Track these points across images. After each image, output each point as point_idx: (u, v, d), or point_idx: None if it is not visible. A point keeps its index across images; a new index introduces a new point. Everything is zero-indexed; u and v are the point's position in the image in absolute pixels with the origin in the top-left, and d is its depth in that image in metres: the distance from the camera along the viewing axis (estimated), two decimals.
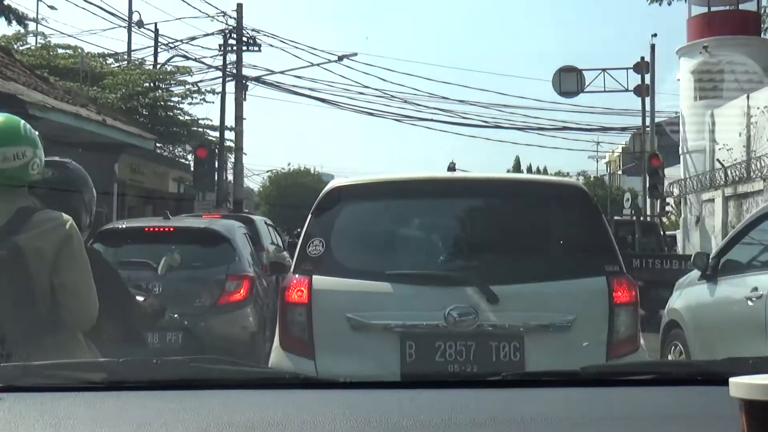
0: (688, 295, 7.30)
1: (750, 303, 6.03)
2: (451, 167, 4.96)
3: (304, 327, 4.13)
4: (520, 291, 4.11)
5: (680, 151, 23.87)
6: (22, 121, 3.14)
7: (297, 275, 4.23)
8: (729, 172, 19.26)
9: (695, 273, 7.31)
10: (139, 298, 3.48)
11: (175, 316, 4.47)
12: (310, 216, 4.42)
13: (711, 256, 7.00)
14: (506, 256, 4.35)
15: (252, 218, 14.73)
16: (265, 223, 14.92)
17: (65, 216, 3.00)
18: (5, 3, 25.88)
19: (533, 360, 3.91)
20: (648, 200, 23.63)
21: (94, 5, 25.29)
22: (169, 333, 7.42)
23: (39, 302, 2.88)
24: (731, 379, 1.10)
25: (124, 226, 9.26)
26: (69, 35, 28.54)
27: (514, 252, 4.37)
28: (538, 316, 4.08)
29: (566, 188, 4.66)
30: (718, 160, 20.15)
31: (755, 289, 6.00)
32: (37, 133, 3.17)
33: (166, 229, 8.63)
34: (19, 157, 2.97)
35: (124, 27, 25.43)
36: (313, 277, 4.15)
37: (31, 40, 25.23)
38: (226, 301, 7.91)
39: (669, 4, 27.20)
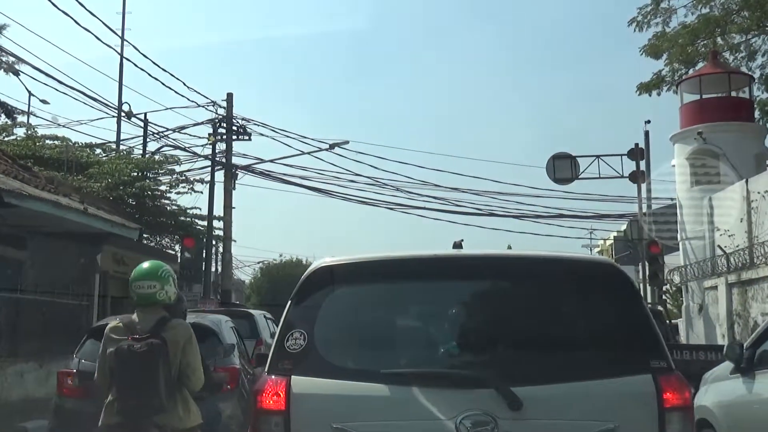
0: (719, 391, 6.57)
1: None
2: (457, 245, 4.15)
3: None
4: (549, 393, 3.33)
5: (679, 238, 23.50)
6: (163, 267, 5.25)
7: (273, 376, 3.46)
8: (731, 259, 18.90)
9: (726, 365, 6.60)
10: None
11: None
12: (289, 303, 3.65)
13: (745, 347, 6.26)
14: (530, 350, 3.56)
15: (251, 313, 16.14)
16: (264, 317, 15.95)
17: (186, 323, 5.28)
18: None
19: None
20: (648, 288, 23.13)
21: (86, 95, 25.15)
22: None
23: (174, 377, 4.90)
24: None
25: (116, 324, 8.65)
26: (58, 125, 28.42)
27: (539, 345, 3.58)
28: (571, 424, 3.31)
29: (599, 267, 3.88)
30: (719, 246, 19.81)
31: None
32: (173, 276, 5.29)
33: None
34: (151, 288, 5.08)
35: (114, 117, 25.21)
36: (292, 377, 3.40)
37: (20, 130, 25.18)
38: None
39: (658, 95, 27.40)
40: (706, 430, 6.59)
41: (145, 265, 5.21)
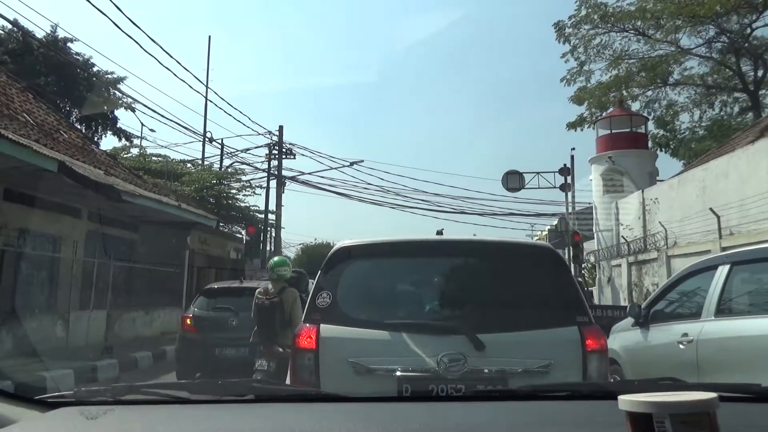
0: (623, 338, 6.41)
1: (681, 346, 5.13)
2: (440, 232, 4.05)
3: (312, 370, 3.23)
4: (504, 339, 3.21)
5: (594, 230, 23.33)
6: (286, 259, 6.96)
7: (307, 324, 3.35)
8: (631, 246, 18.76)
9: (628, 320, 6.45)
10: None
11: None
12: (320, 272, 3.55)
13: (642, 307, 6.12)
14: (490, 308, 3.44)
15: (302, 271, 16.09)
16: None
17: (295, 290, 6.45)
18: (118, 126, 25.88)
19: None
20: (572, 266, 22.97)
21: (181, 125, 25.10)
22: (240, 347, 8.29)
23: (287, 319, 6.14)
24: (620, 397, 1.11)
25: (216, 287, 10.29)
26: (161, 146, 28.34)
27: (497, 305, 3.45)
28: (520, 361, 3.19)
29: (540, 249, 3.78)
30: (622, 236, 19.60)
31: (685, 334, 5.10)
32: (291, 264, 6.79)
33: (243, 287, 9.38)
34: (284, 271, 6.50)
35: (200, 141, 25.13)
36: (321, 325, 3.28)
37: (134, 150, 25.16)
38: None
39: (581, 130, 27.23)
40: (614, 366, 6.46)
41: (278, 258, 6.99)
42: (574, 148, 25.30)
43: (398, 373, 3.12)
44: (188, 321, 9.36)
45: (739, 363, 4.43)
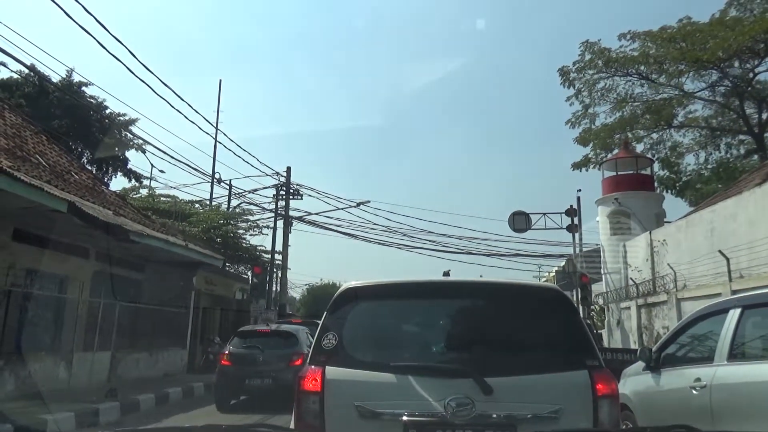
0: (634, 383, 6.27)
1: (694, 392, 5.00)
2: (446, 273, 4.02)
3: (317, 414, 3.16)
4: (512, 383, 3.14)
5: (602, 272, 23.12)
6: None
7: (312, 366, 3.29)
8: (639, 288, 18.57)
9: (638, 364, 6.31)
10: None
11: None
12: (326, 313, 3.52)
13: (653, 350, 6.01)
14: (498, 350, 3.37)
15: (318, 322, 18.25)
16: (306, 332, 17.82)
17: None
18: (128, 167, 26.21)
19: None
20: (580, 308, 22.72)
21: (190, 167, 25.38)
22: (265, 378, 10.70)
23: None
24: None
25: (248, 329, 12.84)
26: (170, 187, 28.59)
27: (504, 347, 3.39)
28: (529, 406, 3.10)
29: (548, 291, 3.73)
30: (631, 278, 19.40)
31: (698, 379, 4.98)
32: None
33: (268, 330, 12.08)
34: None
35: (209, 182, 25.36)
36: (326, 367, 3.23)
37: (143, 190, 25.40)
38: (293, 365, 10.18)
39: (587, 170, 27.34)
40: (625, 411, 6.31)
41: None
42: (580, 189, 25.64)
43: (404, 418, 3.05)
44: (225, 356, 11.42)
45: (755, 409, 4.31)
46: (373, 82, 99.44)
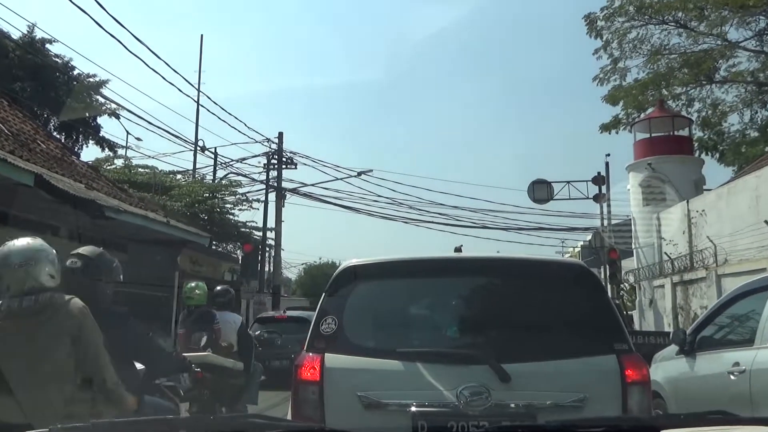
0: (667, 368, 6.37)
1: (732, 377, 5.09)
2: (458, 249, 4.05)
3: (316, 405, 3.23)
4: (532, 369, 3.20)
5: (633, 246, 23.18)
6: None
7: (310, 353, 3.35)
8: (675, 263, 18.62)
9: (672, 348, 6.41)
10: None
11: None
12: (324, 294, 3.57)
13: (688, 333, 6.08)
14: (517, 334, 3.42)
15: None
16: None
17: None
18: (101, 134, 26.19)
19: None
20: (608, 286, 22.84)
21: (170, 134, 25.42)
22: (284, 360, 12.11)
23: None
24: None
25: (266, 315, 16.42)
26: (148, 156, 28.62)
27: (524, 330, 3.44)
28: (550, 395, 3.16)
29: (572, 268, 3.75)
30: (665, 253, 19.46)
31: (737, 364, 5.06)
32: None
33: (285, 317, 15.80)
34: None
35: (191, 150, 25.34)
36: (326, 355, 3.28)
37: (119, 161, 25.41)
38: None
39: (617, 133, 27.17)
40: (657, 399, 6.41)
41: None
42: (608, 154, 25.37)
43: (413, 408, 3.11)
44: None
45: None
46: (373, 31, 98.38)
